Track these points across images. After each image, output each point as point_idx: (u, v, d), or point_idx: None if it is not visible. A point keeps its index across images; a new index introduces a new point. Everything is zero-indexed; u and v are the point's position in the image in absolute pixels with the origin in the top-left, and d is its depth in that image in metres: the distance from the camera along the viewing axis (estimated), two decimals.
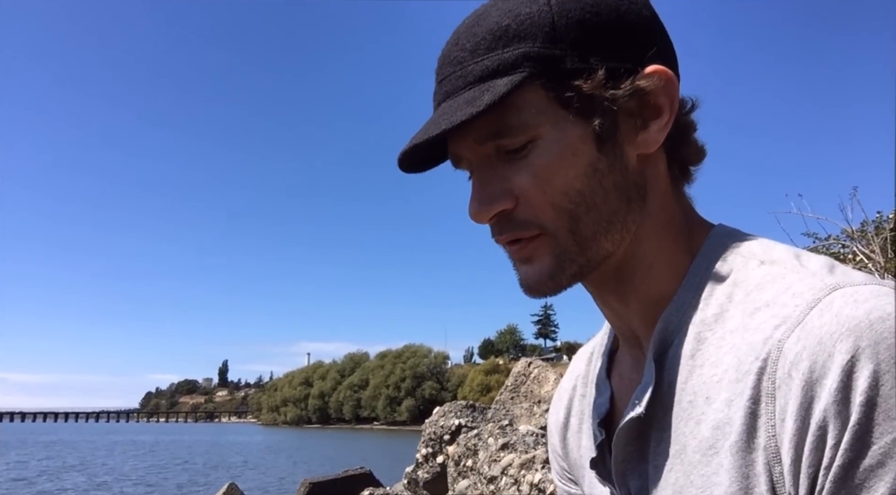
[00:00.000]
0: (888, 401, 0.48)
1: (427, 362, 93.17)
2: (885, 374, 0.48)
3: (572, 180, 0.62)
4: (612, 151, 0.63)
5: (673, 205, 0.68)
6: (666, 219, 0.68)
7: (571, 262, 0.64)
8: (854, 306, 0.52)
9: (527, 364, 5.50)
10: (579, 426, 0.81)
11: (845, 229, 5.63)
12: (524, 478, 4.06)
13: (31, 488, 19.25)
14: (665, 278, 0.67)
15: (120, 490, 19.12)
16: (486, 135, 0.63)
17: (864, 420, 0.48)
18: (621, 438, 0.66)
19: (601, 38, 0.62)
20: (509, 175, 0.64)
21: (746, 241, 0.66)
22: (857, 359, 0.49)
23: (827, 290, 0.54)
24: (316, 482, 6.36)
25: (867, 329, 0.50)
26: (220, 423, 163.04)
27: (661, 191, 0.67)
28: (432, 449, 5.29)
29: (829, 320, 0.52)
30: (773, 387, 0.53)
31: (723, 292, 0.62)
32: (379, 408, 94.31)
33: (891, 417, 0.48)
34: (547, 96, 0.62)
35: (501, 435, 4.47)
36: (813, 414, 0.50)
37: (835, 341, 0.50)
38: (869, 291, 0.53)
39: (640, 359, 0.70)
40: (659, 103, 0.64)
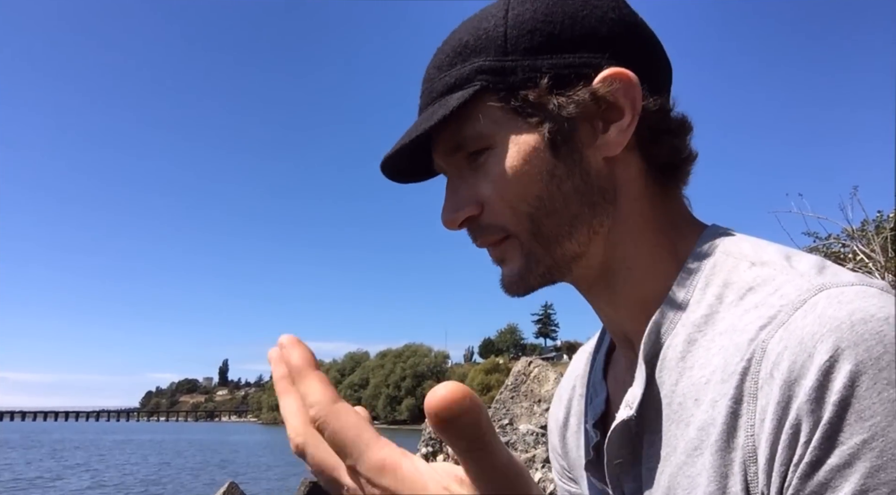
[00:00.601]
0: (862, 402, 0.48)
1: (427, 361, 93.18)
2: (862, 375, 0.48)
3: (528, 186, 0.64)
4: (570, 156, 0.64)
5: (650, 207, 0.68)
6: (642, 222, 0.67)
7: (538, 263, 0.66)
8: (837, 307, 0.52)
9: (527, 363, 5.49)
10: (578, 426, 0.82)
11: (846, 228, 5.63)
12: None
13: (32, 487, 19.24)
14: (651, 280, 0.67)
15: (118, 489, 19.10)
16: (450, 148, 0.67)
17: (836, 419, 0.49)
18: (614, 441, 0.66)
19: (553, 45, 0.64)
20: (476, 183, 0.67)
21: (738, 242, 0.65)
22: (835, 359, 0.49)
23: (813, 291, 0.54)
24: (316, 481, 6.35)
25: (848, 330, 0.50)
26: (221, 422, 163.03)
27: (634, 195, 0.67)
28: (432, 448, 5.29)
29: (811, 321, 0.52)
30: (755, 388, 0.54)
31: (713, 294, 0.62)
32: (379, 408, 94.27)
33: (863, 418, 0.48)
34: (501, 107, 0.64)
35: (501, 434, 4.47)
36: (789, 413, 0.51)
37: (816, 341, 0.51)
38: (854, 292, 0.53)
39: (634, 360, 0.70)
40: (619, 105, 0.64)
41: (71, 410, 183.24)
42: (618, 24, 0.66)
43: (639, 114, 0.64)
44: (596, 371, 0.79)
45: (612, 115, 0.65)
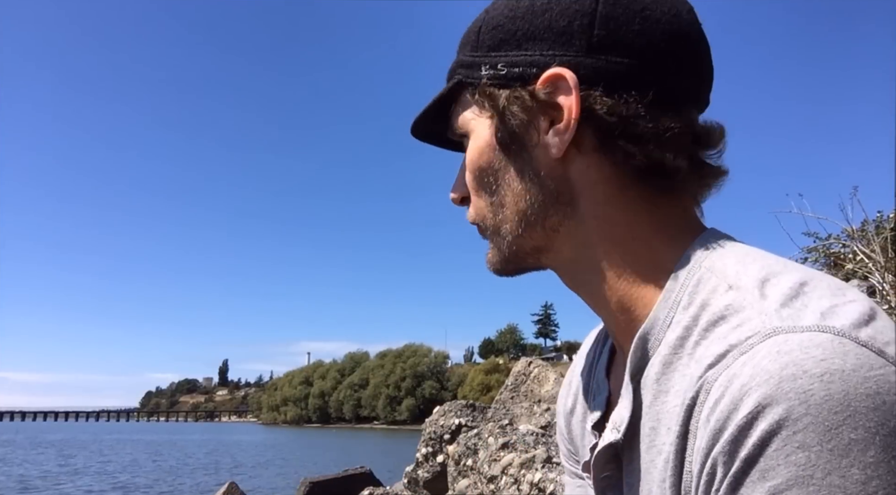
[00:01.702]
0: (769, 462, 0.47)
1: (427, 361, 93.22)
2: (775, 436, 0.47)
3: (484, 177, 0.68)
4: (519, 154, 0.65)
5: (622, 212, 0.64)
6: (609, 227, 0.65)
7: (499, 250, 0.70)
8: (774, 358, 0.49)
9: (527, 363, 5.50)
10: (584, 415, 0.81)
11: (846, 229, 5.63)
12: (524, 478, 4.06)
13: (33, 487, 19.26)
14: (627, 287, 0.65)
15: (118, 489, 19.11)
16: (453, 131, 0.72)
17: (741, 475, 0.48)
18: (599, 460, 0.66)
19: (510, 41, 0.64)
20: None
21: (724, 256, 0.61)
22: (754, 415, 0.48)
23: (761, 337, 0.52)
24: (316, 481, 6.36)
25: (774, 387, 0.48)
26: (221, 423, 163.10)
27: (598, 198, 0.64)
28: (432, 448, 5.29)
29: (748, 371, 0.50)
30: (696, 426, 0.54)
31: (691, 315, 0.59)
32: (379, 408, 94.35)
33: (766, 478, 0.47)
34: (473, 100, 0.68)
35: (501, 434, 4.47)
36: (708, 462, 0.51)
37: (743, 395, 0.49)
38: (799, 341, 0.49)
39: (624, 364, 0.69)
40: (557, 106, 0.62)
41: (71, 410, 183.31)
42: (582, 17, 0.62)
43: (577, 116, 0.61)
44: (599, 368, 0.78)
45: (557, 115, 0.63)
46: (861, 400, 0.46)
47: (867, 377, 0.47)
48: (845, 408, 0.46)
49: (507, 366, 74.97)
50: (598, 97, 0.61)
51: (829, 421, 0.46)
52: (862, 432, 0.45)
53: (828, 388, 0.47)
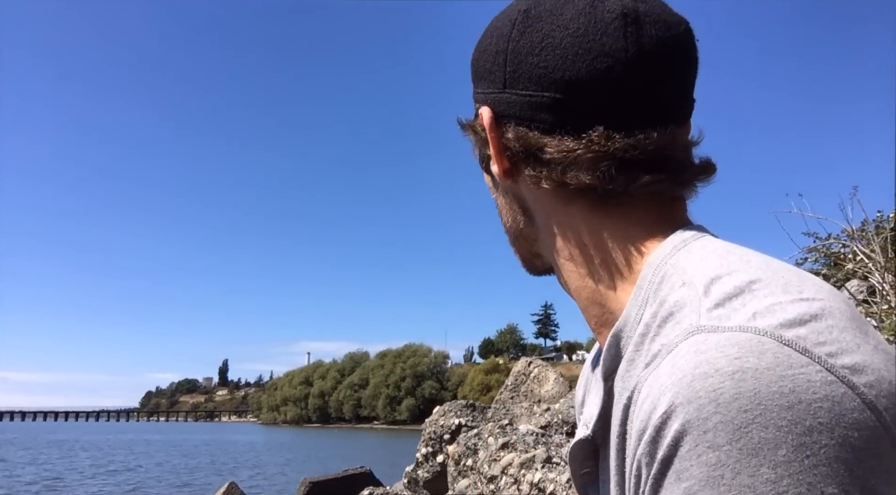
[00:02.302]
0: (682, 463, 0.47)
1: (427, 361, 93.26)
2: (686, 436, 0.47)
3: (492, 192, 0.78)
4: (490, 176, 0.74)
5: (563, 223, 0.68)
6: (560, 236, 0.69)
7: (517, 254, 0.77)
8: (689, 358, 0.50)
9: (527, 363, 5.51)
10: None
11: (845, 228, 5.62)
12: (524, 478, 4.06)
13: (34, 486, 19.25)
14: (590, 290, 0.67)
15: (116, 489, 19.11)
16: None
17: (659, 477, 0.49)
18: (575, 455, 0.68)
19: (474, 79, 0.73)
20: None
21: (691, 252, 0.62)
22: (668, 415, 0.48)
23: (685, 335, 0.52)
24: (316, 481, 6.37)
25: (686, 386, 0.48)
26: (221, 422, 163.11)
27: (544, 211, 0.69)
28: (432, 448, 5.29)
29: (666, 371, 0.51)
30: (630, 428, 0.55)
31: (652, 312, 0.59)
32: (379, 408, 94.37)
33: (680, 479, 0.47)
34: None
35: (501, 434, 4.47)
36: (634, 463, 0.52)
37: (660, 394, 0.50)
38: (716, 340, 0.50)
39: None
40: (488, 139, 0.69)
41: (71, 410, 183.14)
42: (498, 55, 0.68)
43: (497, 148, 0.68)
44: (597, 365, 0.79)
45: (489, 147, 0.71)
46: (773, 398, 0.46)
47: (783, 375, 0.46)
48: (755, 406, 0.46)
49: (507, 366, 75.02)
50: (509, 128, 0.66)
51: (738, 419, 0.46)
52: (773, 431, 0.45)
53: (738, 387, 0.46)
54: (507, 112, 0.66)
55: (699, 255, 0.61)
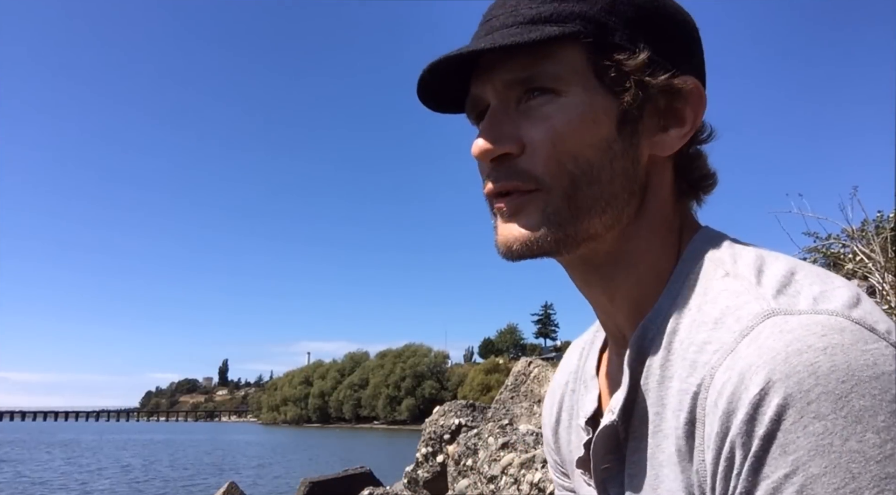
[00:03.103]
0: (787, 436, 0.48)
1: (427, 361, 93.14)
2: (789, 409, 0.48)
3: (585, 147, 0.63)
4: (629, 138, 0.65)
5: (671, 215, 0.69)
6: (660, 225, 0.68)
7: (558, 227, 0.64)
8: (777, 337, 0.51)
9: (527, 363, 5.50)
10: (569, 422, 0.82)
11: (845, 228, 5.63)
12: (524, 478, 4.06)
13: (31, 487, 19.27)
14: (650, 281, 0.67)
15: (115, 489, 19.12)
16: (516, 78, 0.64)
17: (762, 453, 0.49)
18: (599, 446, 0.67)
19: (653, 28, 0.65)
20: (523, 124, 0.64)
21: (721, 248, 0.65)
22: (765, 392, 0.49)
23: (761, 318, 0.54)
24: (316, 481, 6.37)
25: (782, 362, 0.50)
26: (220, 422, 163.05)
27: (661, 198, 0.68)
28: (432, 448, 5.30)
29: (752, 351, 0.52)
30: (703, 414, 0.55)
31: (694, 302, 0.61)
32: (379, 408, 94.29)
33: (787, 453, 0.48)
34: (587, 59, 0.63)
35: (501, 434, 4.48)
36: (725, 445, 0.52)
37: (752, 374, 0.51)
38: (799, 321, 0.52)
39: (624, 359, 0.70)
40: (684, 113, 0.66)
41: (71, 410, 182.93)
42: (698, 44, 0.69)
43: (696, 128, 0.67)
44: (588, 367, 0.79)
45: (674, 119, 0.66)
46: (863, 370, 0.48)
47: (864, 350, 0.49)
48: (850, 378, 0.48)
49: (507, 365, 74.97)
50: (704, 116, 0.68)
51: (838, 390, 0.48)
52: (869, 399, 0.47)
53: (832, 360, 0.49)
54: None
55: (730, 249, 0.65)
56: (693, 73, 0.66)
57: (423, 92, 0.69)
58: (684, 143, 0.66)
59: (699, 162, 0.70)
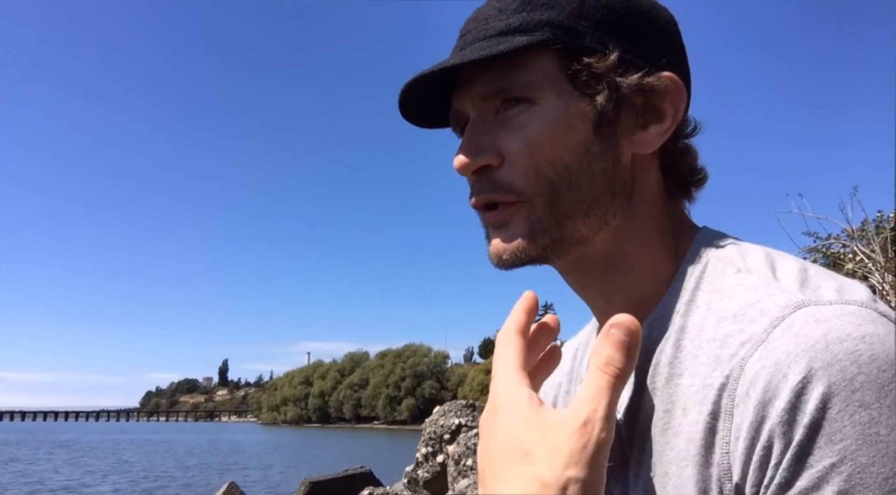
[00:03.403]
0: (833, 425, 0.48)
1: (427, 361, 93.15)
2: (834, 397, 0.48)
3: (562, 153, 0.63)
4: (607, 139, 0.64)
5: (662, 213, 0.69)
6: (652, 224, 0.68)
7: (544, 234, 0.64)
8: (814, 326, 0.51)
9: None
10: None
11: (846, 228, 5.63)
12: None
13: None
14: (650, 281, 0.67)
15: (115, 489, 19.11)
16: (490, 91, 0.65)
17: (806, 442, 0.48)
18: None
19: (624, 28, 0.64)
20: (501, 134, 0.65)
21: (726, 246, 0.66)
22: (808, 380, 0.49)
23: (791, 308, 0.54)
24: (316, 481, 6.36)
25: (822, 350, 0.49)
26: (221, 422, 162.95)
27: (649, 197, 0.68)
28: (432, 448, 5.29)
29: (788, 340, 0.52)
30: (731, 405, 0.54)
31: (703, 300, 0.62)
32: (379, 408, 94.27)
33: (833, 441, 0.48)
34: (558, 66, 0.63)
35: None
36: (761, 434, 0.51)
37: (790, 362, 0.50)
38: (832, 311, 0.52)
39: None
40: (663, 109, 0.65)
41: (71, 410, 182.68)
42: (675, 36, 0.69)
43: (677, 123, 0.66)
44: (584, 367, 0.78)
45: (652, 116, 0.66)
46: None
47: None
48: (891, 367, 0.48)
49: None
50: (686, 110, 0.68)
51: (880, 378, 0.48)
52: None
53: (871, 349, 0.49)
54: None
55: (735, 247, 0.65)
56: (671, 68, 0.66)
57: (404, 109, 0.70)
58: (666, 139, 0.66)
59: (687, 157, 0.70)
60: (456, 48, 0.68)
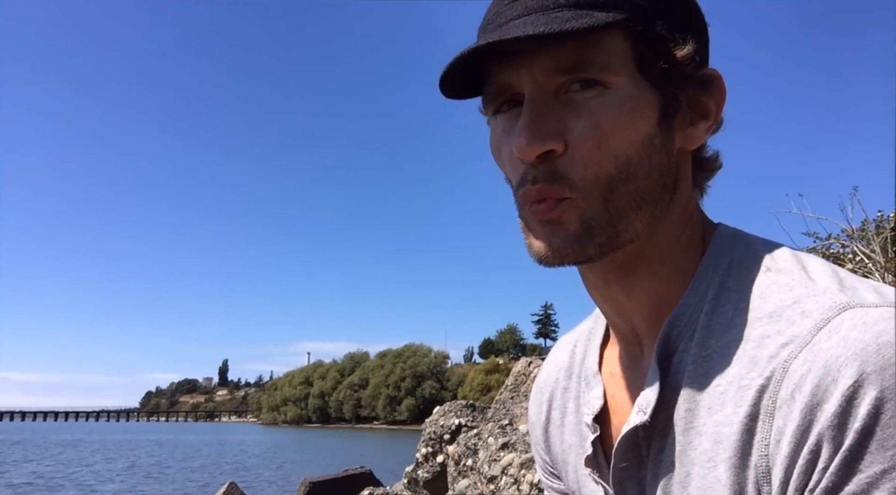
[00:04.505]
0: (885, 431, 0.47)
1: (427, 361, 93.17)
2: (887, 403, 0.47)
3: (627, 145, 0.60)
4: (667, 132, 0.62)
5: (693, 206, 0.68)
6: (686, 219, 0.67)
7: (601, 231, 0.60)
8: (863, 329, 0.50)
9: (527, 363, 5.50)
10: (561, 420, 0.80)
11: (845, 229, 5.63)
12: (524, 478, 4.06)
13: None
14: (676, 277, 0.65)
15: (116, 489, 19.13)
16: (559, 67, 0.59)
17: (857, 447, 0.48)
18: (622, 445, 0.64)
19: (686, 19, 0.63)
20: (566, 117, 0.60)
21: (751, 245, 0.65)
22: (860, 384, 0.48)
23: (837, 310, 0.53)
24: (316, 481, 6.37)
25: (874, 354, 0.48)
26: (221, 422, 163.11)
27: (686, 191, 0.67)
28: (432, 448, 5.30)
29: (836, 343, 0.50)
30: (773, 406, 0.53)
31: (729, 299, 0.60)
32: (379, 408, 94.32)
33: (885, 447, 0.47)
34: (630, 49, 0.60)
35: (501, 434, 4.47)
36: (809, 437, 0.50)
37: (840, 365, 0.49)
38: (879, 313, 0.51)
39: (638, 357, 0.69)
40: (709, 106, 0.65)
41: (71, 410, 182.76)
42: (704, 28, 0.67)
43: (717, 123, 0.66)
44: (589, 364, 0.76)
45: (699, 113, 0.65)
46: None
47: None
48: None
49: (507, 366, 74.97)
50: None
51: None
52: None
53: None
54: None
55: (763, 245, 0.64)
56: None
57: (450, 78, 0.63)
58: (708, 135, 0.66)
59: (714, 154, 0.69)
60: (508, 13, 0.61)
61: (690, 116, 0.64)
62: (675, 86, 0.62)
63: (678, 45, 0.61)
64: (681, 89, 0.62)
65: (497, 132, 0.65)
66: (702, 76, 0.64)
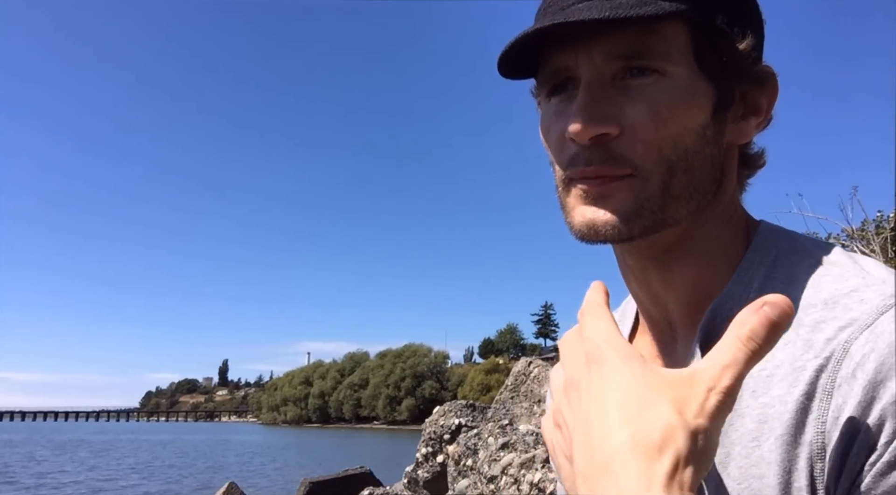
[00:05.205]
0: None
1: (427, 361, 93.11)
2: None
3: (685, 133, 0.61)
4: (719, 124, 0.64)
5: (736, 201, 0.70)
6: (730, 211, 0.68)
7: (652, 213, 0.61)
8: None
9: (527, 363, 5.51)
10: None
11: (846, 229, 5.64)
12: (524, 478, 4.06)
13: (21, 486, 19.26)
14: (717, 268, 0.66)
15: (116, 489, 19.12)
16: (619, 52, 0.61)
17: None
18: None
19: (747, 15, 0.64)
20: (623, 103, 0.61)
21: (798, 240, 0.66)
22: None
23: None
24: (316, 481, 6.37)
25: None
26: (221, 423, 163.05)
27: (731, 184, 0.68)
28: (432, 448, 5.30)
29: None
30: (832, 385, 0.54)
31: (774, 288, 0.61)
32: (379, 408, 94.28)
33: None
34: (689, 40, 0.61)
35: (501, 434, 4.47)
36: (870, 414, 0.51)
37: None
38: None
39: (671, 345, 0.70)
40: (761, 102, 0.66)
41: (71, 410, 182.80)
42: (763, 34, 0.67)
43: (767, 120, 0.67)
44: None
45: (751, 108, 0.66)
46: None
47: None
48: None
49: (507, 366, 74.91)
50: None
51: None
52: None
53: None
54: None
55: (809, 240, 0.66)
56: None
57: (506, 56, 0.63)
58: (758, 132, 0.67)
59: (759, 151, 0.70)
60: None
61: (742, 111, 0.65)
62: (731, 79, 0.63)
63: (737, 40, 0.62)
64: (736, 83, 0.63)
65: (549, 114, 0.66)
66: (757, 72, 0.65)
